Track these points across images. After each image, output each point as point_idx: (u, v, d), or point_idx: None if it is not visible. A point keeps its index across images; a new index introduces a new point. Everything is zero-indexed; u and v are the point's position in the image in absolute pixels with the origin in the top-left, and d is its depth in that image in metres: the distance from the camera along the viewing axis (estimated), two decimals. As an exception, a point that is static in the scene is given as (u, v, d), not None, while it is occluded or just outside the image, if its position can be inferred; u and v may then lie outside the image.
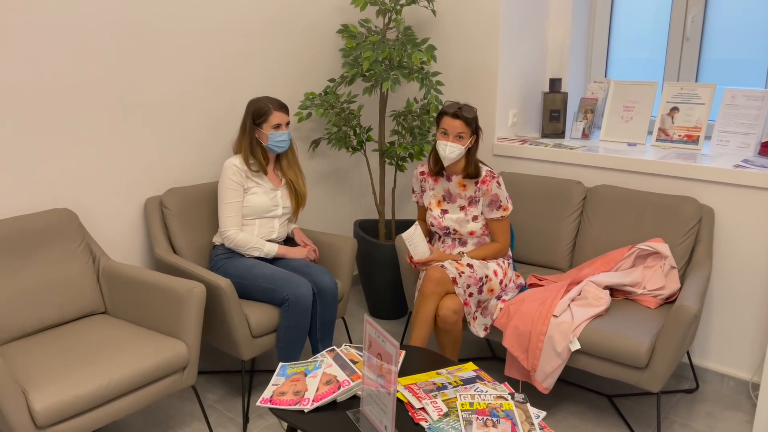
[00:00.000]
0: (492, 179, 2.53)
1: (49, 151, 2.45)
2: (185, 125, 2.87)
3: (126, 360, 2.10)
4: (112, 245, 2.70)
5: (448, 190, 2.62)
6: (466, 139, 2.51)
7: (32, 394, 1.89)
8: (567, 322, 2.36)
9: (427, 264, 2.58)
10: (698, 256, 2.60)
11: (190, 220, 2.75)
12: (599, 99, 3.32)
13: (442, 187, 2.64)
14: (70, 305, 2.36)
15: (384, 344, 1.66)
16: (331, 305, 2.63)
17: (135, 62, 2.63)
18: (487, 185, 2.51)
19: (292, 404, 1.86)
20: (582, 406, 2.65)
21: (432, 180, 2.68)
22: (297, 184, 2.79)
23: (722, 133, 2.89)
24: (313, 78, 3.36)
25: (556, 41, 3.43)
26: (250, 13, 3.00)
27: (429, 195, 2.69)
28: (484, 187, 2.52)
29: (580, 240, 2.86)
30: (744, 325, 2.68)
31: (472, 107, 2.54)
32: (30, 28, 2.32)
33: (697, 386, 2.78)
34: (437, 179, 2.66)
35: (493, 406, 1.82)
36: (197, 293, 2.25)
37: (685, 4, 3.17)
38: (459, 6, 3.24)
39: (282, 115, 2.65)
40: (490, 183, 2.51)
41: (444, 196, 2.64)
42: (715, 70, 3.18)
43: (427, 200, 2.70)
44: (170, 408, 2.63)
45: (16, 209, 2.40)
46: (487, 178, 2.53)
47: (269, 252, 2.67)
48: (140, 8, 2.61)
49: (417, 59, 2.94)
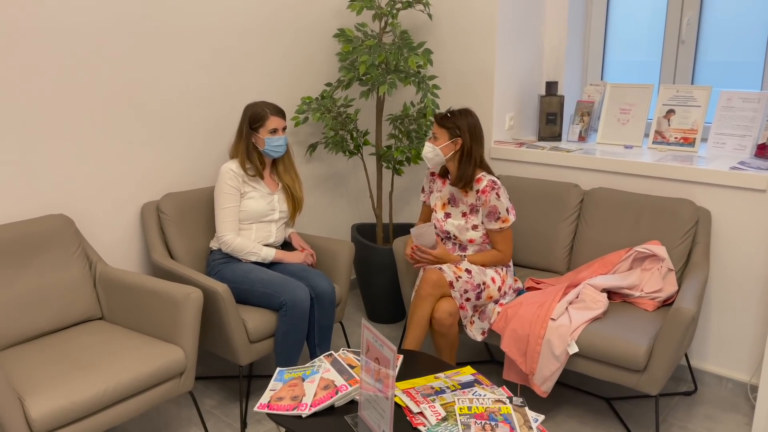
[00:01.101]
0: (492, 190, 2.50)
1: (45, 157, 2.44)
2: (181, 130, 2.86)
3: (123, 366, 2.10)
4: (108, 251, 2.70)
5: (453, 194, 2.63)
6: (441, 140, 2.53)
7: (29, 400, 1.88)
8: (565, 325, 2.36)
9: (427, 259, 2.58)
10: (695, 258, 2.60)
11: (187, 225, 2.75)
12: (595, 102, 3.32)
13: (449, 191, 2.65)
14: (66, 311, 2.36)
15: (382, 348, 1.65)
16: (329, 310, 2.63)
17: (131, 68, 2.63)
18: (486, 196, 2.50)
19: (290, 409, 1.86)
20: (580, 409, 2.65)
21: (440, 182, 2.69)
22: (293, 188, 2.79)
23: (718, 135, 2.90)
24: (309, 82, 3.36)
25: (553, 44, 3.44)
26: (246, 18, 3.01)
27: (435, 196, 2.70)
28: (484, 197, 2.51)
29: (578, 243, 2.86)
30: (742, 327, 2.68)
31: (461, 112, 2.53)
32: (27, 36, 2.32)
33: (696, 388, 2.78)
34: (445, 182, 2.67)
35: (492, 410, 1.82)
36: (194, 299, 2.25)
37: (681, 6, 3.18)
38: (455, 10, 3.25)
39: (279, 120, 2.66)
40: (489, 194, 2.50)
41: (449, 199, 2.64)
42: (711, 73, 3.19)
43: (433, 201, 2.71)
44: (168, 414, 2.62)
45: (12, 215, 2.39)
46: (487, 188, 2.51)
47: (266, 257, 2.67)
48: (136, 15, 2.60)
49: (413, 63, 2.94)
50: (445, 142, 2.53)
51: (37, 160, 2.42)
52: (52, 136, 2.45)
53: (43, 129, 2.42)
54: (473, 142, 2.52)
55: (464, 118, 2.52)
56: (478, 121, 2.56)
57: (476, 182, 2.54)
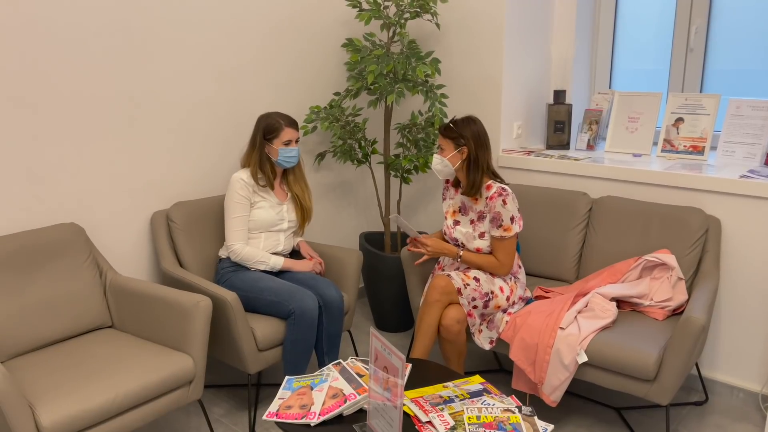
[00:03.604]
0: (499, 197, 2.49)
1: (55, 166, 2.47)
2: (191, 139, 2.88)
3: (132, 374, 2.10)
4: (118, 259, 2.71)
5: (463, 203, 2.63)
6: (447, 151, 2.54)
7: (39, 408, 1.90)
8: (574, 334, 2.35)
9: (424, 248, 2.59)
10: (705, 266, 2.59)
11: (196, 234, 2.76)
12: (604, 110, 3.32)
13: (460, 199, 2.65)
14: (76, 320, 2.37)
15: (390, 357, 1.65)
16: (337, 318, 2.63)
17: (142, 77, 2.66)
18: (493, 202, 2.51)
19: (299, 418, 1.86)
20: (590, 419, 2.63)
21: (453, 190, 2.70)
22: (303, 198, 2.80)
23: (728, 143, 2.89)
24: (318, 91, 3.38)
25: (560, 53, 3.44)
26: (255, 29, 3.03)
27: (447, 203, 2.71)
28: (491, 203, 2.51)
29: (587, 251, 2.85)
30: (753, 336, 2.66)
31: (464, 120, 2.53)
32: (40, 46, 2.35)
33: (707, 398, 2.75)
34: (457, 190, 2.68)
35: (501, 419, 1.81)
36: (203, 307, 2.26)
37: (689, 14, 3.18)
38: (463, 19, 3.26)
39: (292, 132, 2.67)
40: (496, 200, 2.50)
41: (460, 207, 2.65)
42: (720, 81, 3.18)
43: (445, 208, 2.71)
44: (177, 422, 2.63)
45: (23, 224, 2.41)
46: (495, 194, 2.50)
47: (275, 265, 2.68)
48: (148, 26, 2.63)
49: (421, 72, 2.95)
50: (451, 152, 2.53)
51: (48, 169, 2.45)
52: (63, 146, 2.48)
53: (54, 138, 2.45)
54: (479, 149, 2.52)
55: (467, 126, 2.52)
56: (483, 127, 2.55)
57: (486, 189, 2.54)
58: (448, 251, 2.59)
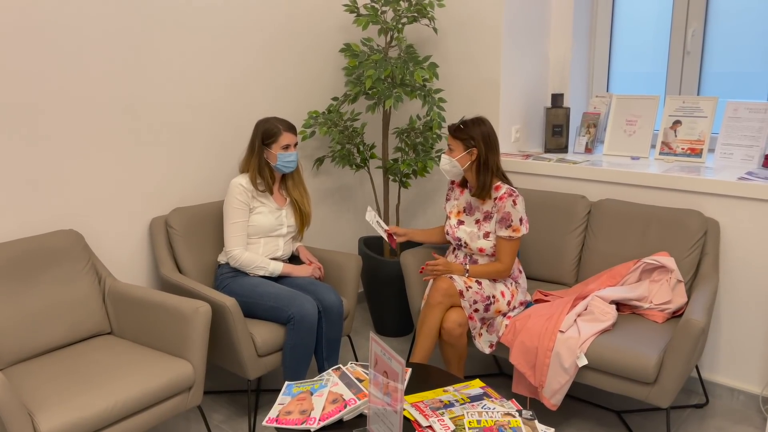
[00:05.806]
0: (509, 197, 2.51)
1: (54, 173, 2.47)
2: (190, 145, 2.89)
3: (132, 381, 2.10)
4: (117, 265, 2.71)
5: (469, 203, 2.64)
6: (456, 151, 2.55)
7: (38, 415, 1.89)
8: (574, 337, 2.35)
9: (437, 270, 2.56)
10: (705, 269, 2.59)
11: (195, 240, 2.76)
12: (601, 113, 3.33)
13: (465, 199, 2.66)
14: (76, 326, 2.36)
15: (390, 362, 1.65)
16: (337, 323, 2.63)
17: (141, 85, 2.66)
18: (503, 202, 2.51)
19: (299, 423, 1.86)
20: (591, 422, 2.63)
21: (458, 190, 2.70)
22: (302, 204, 2.80)
23: (725, 145, 2.89)
24: (316, 96, 3.39)
25: (558, 56, 3.45)
26: (253, 34, 3.04)
27: (452, 204, 2.72)
28: (501, 203, 2.52)
29: (586, 255, 2.86)
30: (753, 338, 2.66)
31: (474, 121, 2.54)
32: (38, 52, 2.35)
33: (707, 401, 2.75)
34: (463, 191, 2.68)
35: (501, 423, 1.81)
36: (203, 313, 2.25)
37: (686, 17, 3.19)
38: (461, 24, 3.27)
39: (291, 136, 2.68)
40: (506, 201, 2.51)
41: (465, 207, 2.65)
42: (717, 83, 3.19)
43: (449, 209, 2.71)
44: (176, 428, 2.62)
45: (21, 231, 2.41)
46: (505, 195, 2.52)
47: (274, 270, 2.68)
48: (147, 34, 2.64)
49: (419, 77, 2.96)
50: (460, 153, 2.54)
51: (46, 176, 2.45)
52: (62, 152, 2.48)
53: (54, 145, 2.45)
54: (488, 151, 2.53)
55: (478, 128, 2.53)
56: (492, 128, 2.57)
57: (495, 190, 2.55)
58: (455, 270, 2.59)
